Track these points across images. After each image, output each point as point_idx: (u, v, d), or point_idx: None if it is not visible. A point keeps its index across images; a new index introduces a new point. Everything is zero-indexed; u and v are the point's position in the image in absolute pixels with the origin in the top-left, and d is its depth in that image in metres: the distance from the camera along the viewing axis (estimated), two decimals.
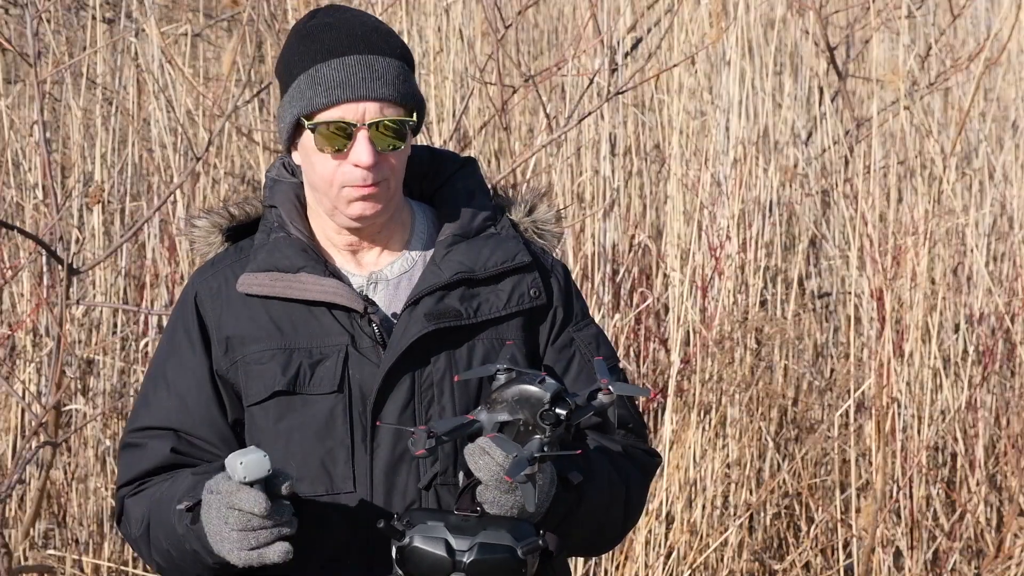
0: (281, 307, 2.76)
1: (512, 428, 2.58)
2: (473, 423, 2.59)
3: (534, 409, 2.57)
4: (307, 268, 2.75)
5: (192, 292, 2.83)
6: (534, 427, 2.56)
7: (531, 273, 2.83)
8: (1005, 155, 7.06)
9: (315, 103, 2.70)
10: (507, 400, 2.59)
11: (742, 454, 5.90)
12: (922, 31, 7.52)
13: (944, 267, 6.55)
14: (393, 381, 2.73)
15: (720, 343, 5.85)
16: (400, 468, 2.72)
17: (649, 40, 6.75)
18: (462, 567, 2.56)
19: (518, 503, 2.59)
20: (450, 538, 2.57)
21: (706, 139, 6.33)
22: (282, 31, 6.17)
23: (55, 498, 5.77)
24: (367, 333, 2.74)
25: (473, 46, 6.55)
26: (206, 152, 5.08)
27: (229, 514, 2.55)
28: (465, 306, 2.77)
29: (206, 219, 2.89)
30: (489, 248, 2.81)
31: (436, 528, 2.58)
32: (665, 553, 5.58)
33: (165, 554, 2.73)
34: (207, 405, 2.77)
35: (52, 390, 4.78)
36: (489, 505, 2.60)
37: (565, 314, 2.86)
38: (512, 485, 2.57)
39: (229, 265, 2.82)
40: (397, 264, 2.82)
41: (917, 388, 6.09)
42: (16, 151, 6.20)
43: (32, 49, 4.70)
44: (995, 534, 6.12)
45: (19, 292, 5.86)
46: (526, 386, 2.58)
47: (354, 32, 2.74)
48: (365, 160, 2.69)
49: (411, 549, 2.57)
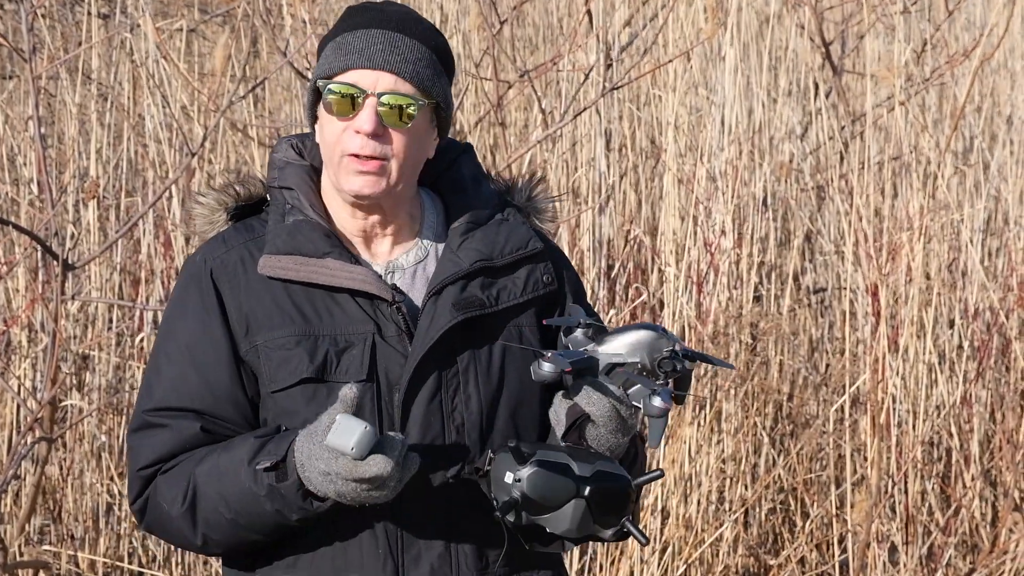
0: (303, 292, 2.74)
1: (629, 370, 2.62)
2: (592, 359, 2.63)
3: (653, 355, 2.61)
4: (333, 254, 2.74)
5: (206, 266, 2.77)
6: (649, 373, 2.62)
7: (543, 260, 2.85)
8: (999, 150, 7.07)
9: (333, 66, 2.72)
10: (626, 342, 2.63)
11: (737, 449, 5.90)
12: (917, 27, 7.52)
13: (939, 262, 6.55)
14: (422, 370, 2.73)
15: (715, 338, 5.85)
16: (427, 457, 2.71)
17: (644, 35, 6.75)
18: (583, 492, 2.59)
19: (617, 445, 2.66)
20: (572, 464, 2.59)
21: (701, 134, 6.33)
22: (276, 26, 6.17)
23: (50, 494, 5.77)
24: (394, 321, 2.74)
25: (469, 41, 6.55)
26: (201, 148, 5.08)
27: (362, 484, 2.55)
28: (487, 294, 2.78)
29: (211, 196, 2.85)
30: (503, 235, 2.82)
31: (558, 455, 2.61)
32: (660, 548, 5.58)
33: (226, 524, 2.69)
34: (231, 383, 2.73)
35: (47, 386, 4.78)
36: (594, 441, 2.65)
37: (574, 299, 2.89)
38: (618, 426, 2.62)
39: (243, 243, 2.79)
40: (411, 254, 2.82)
41: (912, 383, 6.09)
42: (11, 147, 6.20)
43: (27, 44, 4.70)
44: (990, 529, 6.13)
45: (14, 288, 5.86)
46: (646, 331, 2.63)
47: (393, 14, 2.76)
48: (367, 127, 2.68)
49: (536, 473, 2.58)
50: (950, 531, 6.03)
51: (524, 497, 2.58)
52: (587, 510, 2.59)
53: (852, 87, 7.70)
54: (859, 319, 6.26)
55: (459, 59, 6.44)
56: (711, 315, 5.90)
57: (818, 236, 6.84)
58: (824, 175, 6.77)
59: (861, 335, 6.21)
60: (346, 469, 2.54)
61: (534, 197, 2.92)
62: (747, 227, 6.22)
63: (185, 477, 2.70)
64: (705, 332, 5.83)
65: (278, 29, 6.19)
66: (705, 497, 5.74)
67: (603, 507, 2.60)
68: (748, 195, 6.31)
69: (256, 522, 2.67)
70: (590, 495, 2.58)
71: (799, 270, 6.75)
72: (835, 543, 5.88)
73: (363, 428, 2.52)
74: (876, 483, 5.72)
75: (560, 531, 2.61)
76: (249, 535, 2.70)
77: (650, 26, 6.75)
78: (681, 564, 5.61)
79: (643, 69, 6.28)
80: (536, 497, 2.58)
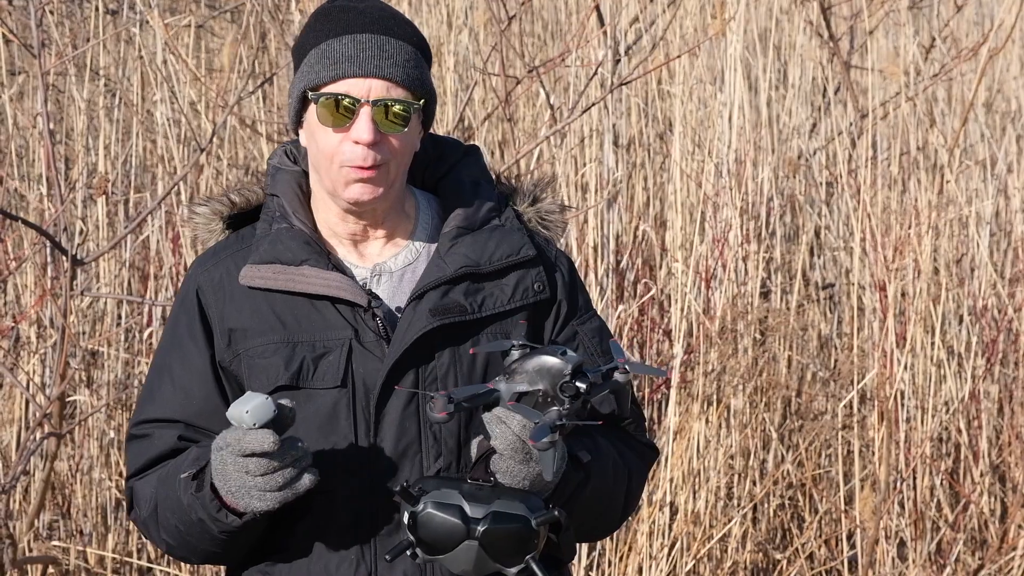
0: (284, 300, 2.75)
1: (530, 399, 2.56)
2: (492, 392, 2.57)
3: (554, 380, 2.55)
4: (310, 261, 2.73)
5: (194, 284, 2.81)
6: (553, 398, 2.55)
7: (536, 267, 2.81)
8: (1007, 145, 7.06)
9: (322, 76, 2.70)
10: (527, 371, 2.56)
11: (746, 445, 5.90)
12: (925, 22, 7.52)
13: (947, 258, 6.55)
14: (397, 376, 2.71)
15: (723, 334, 5.85)
16: (403, 463, 2.71)
17: (653, 31, 6.75)
18: (475, 535, 2.54)
19: (531, 474, 2.58)
20: (465, 505, 2.55)
21: (709, 130, 6.32)
22: (285, 22, 6.17)
23: (59, 489, 5.78)
24: (371, 327, 2.73)
25: (477, 37, 6.55)
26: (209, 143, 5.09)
27: (248, 463, 2.55)
28: (470, 301, 2.75)
29: (206, 206, 2.88)
30: (494, 241, 2.79)
31: (450, 495, 2.56)
32: (669, 544, 5.58)
33: (173, 531, 2.73)
34: (210, 397, 2.76)
35: (56, 381, 4.78)
36: (502, 475, 2.59)
37: (569, 307, 2.85)
38: (526, 456, 2.56)
39: (231, 255, 2.81)
40: (401, 256, 2.81)
41: (921, 379, 6.09)
42: (20, 143, 6.21)
43: (36, 40, 4.71)
44: (999, 525, 6.13)
45: (23, 283, 5.86)
46: (547, 357, 2.56)
47: (371, 14, 2.74)
48: (366, 137, 2.67)
49: (425, 515, 2.55)
50: (959, 527, 6.03)
51: (417, 538, 2.56)
52: (481, 551, 2.55)
53: (860, 82, 7.69)
54: (867, 315, 6.25)
55: (467, 54, 6.45)
56: (719, 311, 5.89)
57: (826, 231, 6.84)
58: (832, 170, 6.76)
59: (869, 331, 6.20)
60: (235, 439, 2.54)
61: (540, 200, 2.90)
62: (755, 223, 6.22)
63: (152, 484, 2.76)
64: (713, 328, 5.83)
65: (286, 24, 6.19)
66: (713, 493, 5.74)
67: (497, 548, 2.55)
68: (756, 190, 6.30)
69: (194, 531, 2.69)
70: (481, 536, 2.54)
71: (808, 266, 6.74)
72: (844, 539, 5.87)
73: (263, 398, 2.54)
74: (885, 479, 5.72)
75: (458, 571, 2.58)
76: (200, 544, 2.71)
77: (658, 21, 6.75)
78: (690, 560, 5.61)
79: (651, 65, 6.28)
80: (427, 538, 2.56)
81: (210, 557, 2.76)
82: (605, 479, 2.76)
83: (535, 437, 2.49)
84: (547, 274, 2.83)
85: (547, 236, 2.89)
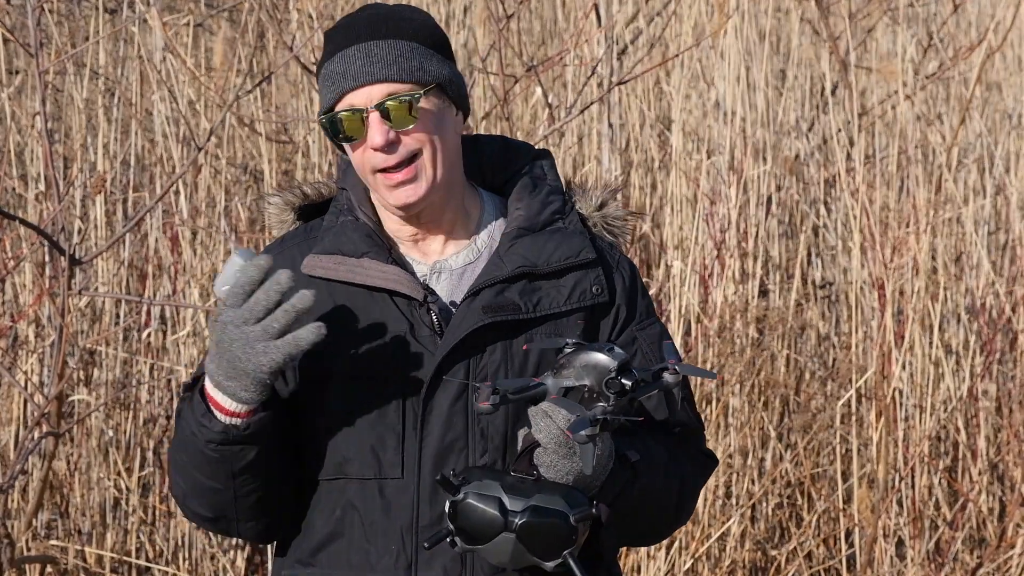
0: (344, 291, 2.78)
1: (576, 394, 2.59)
2: (539, 385, 2.60)
3: (600, 377, 2.58)
4: (370, 254, 2.78)
5: None
6: (598, 395, 2.58)
7: (595, 269, 2.83)
8: (1005, 144, 7.06)
9: (328, 99, 2.77)
10: (574, 366, 2.60)
11: (744, 443, 5.90)
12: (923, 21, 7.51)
13: (945, 256, 6.55)
14: (447, 370, 2.74)
15: (721, 333, 5.85)
16: (448, 457, 2.73)
17: (651, 30, 6.75)
18: (513, 527, 2.56)
19: (574, 470, 2.60)
20: (504, 498, 2.57)
21: (708, 129, 6.32)
22: (284, 20, 6.17)
23: (57, 488, 5.77)
24: (425, 322, 2.76)
25: (475, 35, 6.55)
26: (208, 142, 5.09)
27: (243, 312, 2.61)
28: (525, 300, 2.77)
29: (279, 197, 2.93)
30: (554, 243, 2.81)
31: (491, 486, 2.58)
32: (667, 543, 5.58)
33: (183, 469, 2.75)
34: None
35: (54, 380, 4.78)
36: (546, 469, 2.60)
37: (628, 312, 2.86)
38: (570, 450, 2.58)
39: (296, 245, 2.85)
40: (462, 255, 2.84)
41: (919, 377, 6.09)
42: (18, 142, 6.20)
43: (34, 39, 4.70)
44: (997, 523, 6.13)
45: (21, 283, 5.87)
46: (594, 353, 2.59)
47: (358, 27, 2.78)
48: (378, 141, 2.72)
49: (464, 505, 2.58)
50: (957, 525, 6.03)
51: (456, 527, 2.59)
52: (518, 543, 2.57)
53: (859, 81, 7.69)
54: (866, 313, 6.25)
55: (465, 53, 6.45)
56: (717, 310, 5.90)
57: (824, 230, 6.84)
58: (830, 169, 6.76)
59: (867, 330, 6.21)
60: (221, 302, 2.62)
61: (605, 205, 2.91)
62: (753, 221, 6.22)
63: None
64: (711, 326, 5.83)
65: (284, 23, 6.19)
66: (712, 491, 5.74)
67: (534, 542, 2.58)
68: (754, 189, 6.30)
69: (189, 449, 2.71)
70: (519, 530, 2.57)
71: (805, 264, 6.74)
72: (842, 537, 5.88)
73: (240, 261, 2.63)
74: (883, 477, 5.72)
75: (495, 562, 2.61)
76: (195, 475, 2.73)
77: (657, 20, 6.75)
78: (688, 559, 5.62)
79: (649, 64, 6.27)
80: (466, 528, 2.58)
81: (217, 501, 2.75)
82: (654, 480, 2.77)
83: (573, 429, 2.52)
84: (607, 278, 2.84)
85: (611, 241, 2.91)
